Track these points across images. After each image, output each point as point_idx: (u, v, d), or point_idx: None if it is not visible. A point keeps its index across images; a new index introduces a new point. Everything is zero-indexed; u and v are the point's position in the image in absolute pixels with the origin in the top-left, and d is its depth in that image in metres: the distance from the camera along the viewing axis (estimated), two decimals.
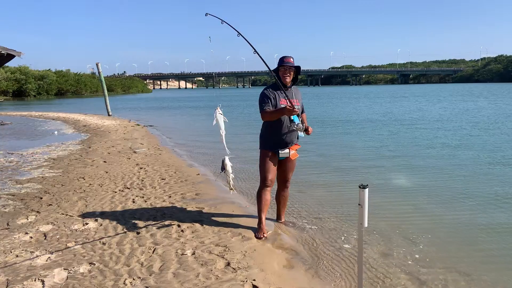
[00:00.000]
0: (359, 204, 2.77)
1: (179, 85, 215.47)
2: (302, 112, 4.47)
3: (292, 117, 4.13)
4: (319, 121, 17.51)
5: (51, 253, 3.83)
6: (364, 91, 73.15)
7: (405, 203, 5.53)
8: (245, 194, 6.14)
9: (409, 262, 3.71)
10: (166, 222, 4.66)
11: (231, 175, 4.32)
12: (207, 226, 4.53)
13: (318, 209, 5.28)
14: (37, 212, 5.15)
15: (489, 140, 11.00)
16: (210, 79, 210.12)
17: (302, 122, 4.21)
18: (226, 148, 4.22)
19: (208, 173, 7.54)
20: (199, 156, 9.57)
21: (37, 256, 3.76)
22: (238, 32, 4.14)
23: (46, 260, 3.67)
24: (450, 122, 16.17)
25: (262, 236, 4.26)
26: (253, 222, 4.69)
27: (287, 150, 4.30)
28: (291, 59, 4.25)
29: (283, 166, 4.44)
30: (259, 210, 4.40)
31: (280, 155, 4.29)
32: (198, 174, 7.33)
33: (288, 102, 4.06)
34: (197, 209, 5.18)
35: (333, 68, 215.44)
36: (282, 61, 4.24)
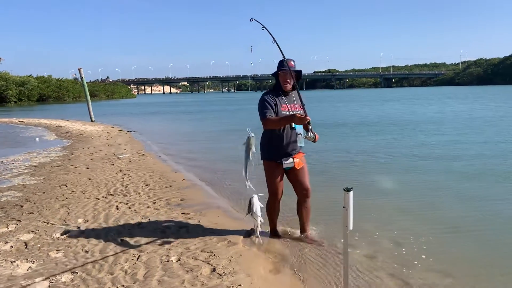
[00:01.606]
0: (344, 207, 2.77)
1: (163, 90, 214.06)
2: None
3: (293, 125, 3.88)
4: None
5: (32, 262, 3.74)
6: (351, 95, 73.62)
7: (391, 205, 5.56)
8: (231, 199, 6.11)
9: (395, 264, 3.73)
10: (151, 229, 4.60)
11: (260, 219, 3.91)
12: (192, 232, 4.49)
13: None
14: (18, 220, 5.04)
15: (481, 143, 11.12)
16: (194, 84, 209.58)
17: (311, 130, 3.83)
18: (248, 183, 3.96)
19: (193, 178, 7.49)
20: (184, 161, 9.50)
21: (17, 265, 3.67)
22: (274, 39, 3.83)
23: (27, 270, 3.58)
24: (442, 125, 16.34)
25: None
26: (239, 227, 4.67)
27: (290, 160, 4.01)
28: (292, 62, 3.93)
29: (294, 176, 4.11)
30: (271, 221, 4.33)
31: (284, 166, 4.01)
32: (183, 179, 7.28)
33: (290, 108, 3.85)
34: (182, 215, 5.14)
35: (317, 72, 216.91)
36: (282, 64, 3.92)
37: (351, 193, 2.72)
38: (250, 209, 3.92)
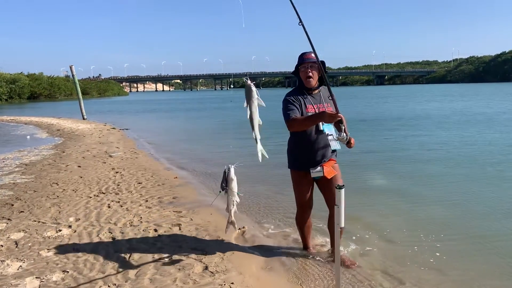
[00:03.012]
0: (335, 205, 2.78)
1: (156, 88, 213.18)
2: None
3: (322, 127, 3.37)
4: None
5: (23, 261, 3.71)
6: (346, 92, 73.48)
7: (382, 202, 5.59)
8: (223, 197, 6.08)
9: (386, 261, 3.75)
10: (143, 227, 4.58)
11: (235, 200, 3.26)
12: (184, 230, 4.48)
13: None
14: (8, 219, 4.99)
15: (474, 140, 11.19)
16: (187, 82, 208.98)
17: (345, 130, 3.20)
18: (256, 141, 3.12)
19: (186, 176, 7.48)
20: (177, 159, 9.47)
21: (8, 264, 3.64)
22: (309, 40, 3.18)
23: (18, 269, 3.55)
24: (440, 122, 16.43)
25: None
26: None
27: (319, 168, 3.45)
28: (313, 55, 3.35)
29: (325, 187, 3.59)
30: (303, 238, 3.90)
31: (313, 175, 3.49)
32: (176, 177, 7.26)
33: (316, 109, 3.39)
34: (175, 213, 5.12)
35: None
36: (302, 58, 3.45)
37: (342, 190, 2.73)
38: (224, 184, 3.18)
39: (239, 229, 4.44)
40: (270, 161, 8.67)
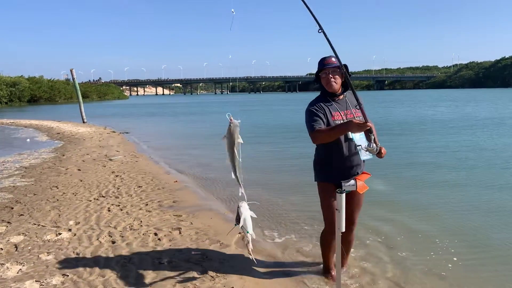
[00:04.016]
0: (336, 209, 2.79)
1: (156, 92, 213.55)
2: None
3: (351, 135, 3.09)
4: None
5: (23, 264, 3.70)
6: None
7: (383, 207, 5.58)
8: (223, 201, 6.10)
9: (387, 265, 3.75)
10: (143, 231, 4.57)
11: (251, 234, 3.08)
12: (184, 234, 4.48)
13: (297, 214, 5.29)
14: (8, 222, 4.98)
15: (487, 145, 11.19)
16: (187, 85, 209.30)
17: (375, 140, 2.97)
18: (240, 184, 3.07)
19: (186, 180, 7.48)
20: (177, 163, 9.47)
21: (7, 268, 3.63)
22: (331, 46, 2.97)
23: (17, 272, 3.55)
24: (442, 127, 16.42)
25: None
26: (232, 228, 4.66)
27: (352, 182, 3.13)
28: (332, 59, 3.14)
29: (347, 202, 3.11)
30: (326, 258, 3.50)
31: (344, 189, 3.10)
32: (176, 181, 7.26)
33: (344, 116, 3.14)
34: (175, 217, 5.12)
35: (310, 74, 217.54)
36: (323, 64, 3.18)
37: (343, 195, 2.74)
38: (238, 219, 3.09)
39: (240, 233, 4.43)
40: (272, 165, 8.73)
